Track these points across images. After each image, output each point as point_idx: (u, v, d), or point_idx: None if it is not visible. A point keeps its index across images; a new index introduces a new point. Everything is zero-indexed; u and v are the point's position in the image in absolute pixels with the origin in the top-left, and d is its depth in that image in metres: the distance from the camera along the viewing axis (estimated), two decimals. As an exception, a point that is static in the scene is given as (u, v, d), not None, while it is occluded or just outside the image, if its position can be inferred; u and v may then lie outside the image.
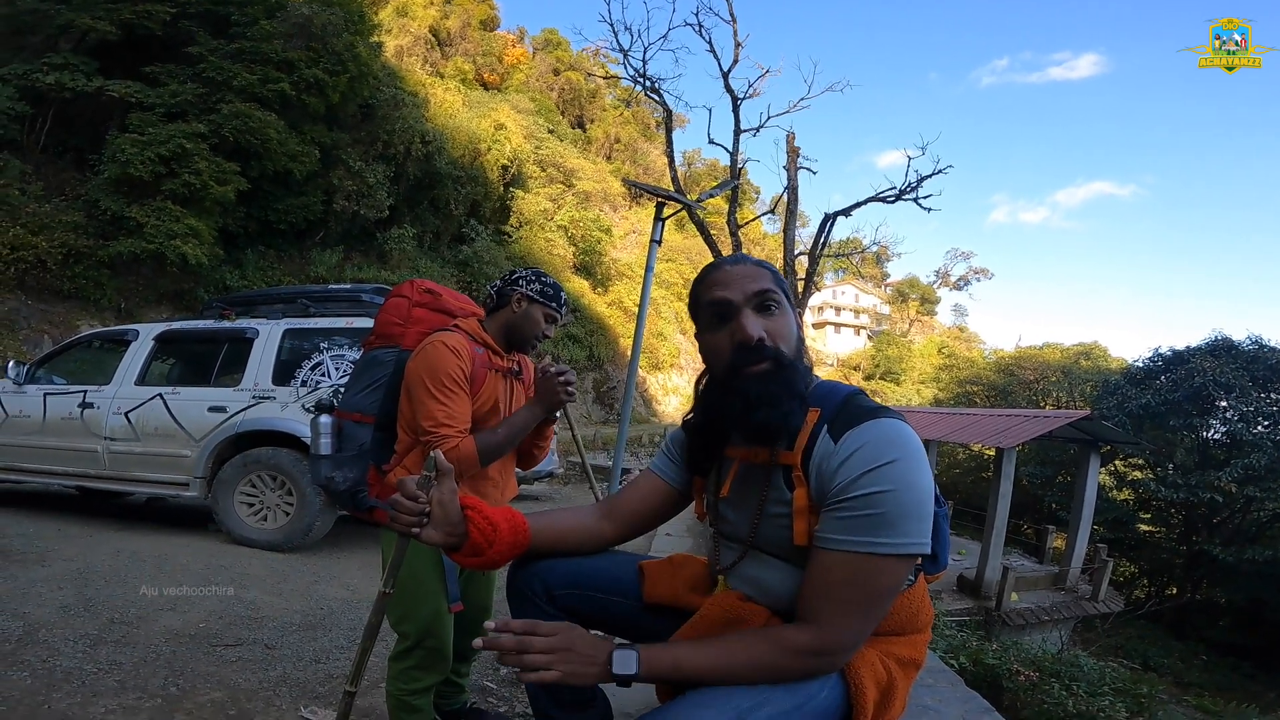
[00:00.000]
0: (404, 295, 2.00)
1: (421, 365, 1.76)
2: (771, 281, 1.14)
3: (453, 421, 1.73)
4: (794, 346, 1.13)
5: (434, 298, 1.99)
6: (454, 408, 1.74)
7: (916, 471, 0.99)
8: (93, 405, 5.13)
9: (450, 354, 1.75)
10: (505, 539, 1.19)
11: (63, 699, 2.16)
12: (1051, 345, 32.64)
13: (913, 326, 60.79)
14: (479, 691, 2.50)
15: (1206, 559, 16.14)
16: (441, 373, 1.74)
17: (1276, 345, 17.05)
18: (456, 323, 1.90)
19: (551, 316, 1.93)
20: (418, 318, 1.96)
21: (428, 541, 1.15)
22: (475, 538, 1.16)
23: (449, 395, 1.74)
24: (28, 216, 12.08)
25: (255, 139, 14.21)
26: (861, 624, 1.02)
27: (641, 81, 14.34)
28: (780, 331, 1.11)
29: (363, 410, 1.94)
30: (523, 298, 1.88)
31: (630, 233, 34.70)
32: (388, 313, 1.99)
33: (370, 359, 1.98)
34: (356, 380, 1.99)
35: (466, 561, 1.19)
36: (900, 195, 13.58)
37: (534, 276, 1.92)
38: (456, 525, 1.15)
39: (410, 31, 31.81)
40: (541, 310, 1.90)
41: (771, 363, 1.09)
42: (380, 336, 1.99)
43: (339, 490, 1.94)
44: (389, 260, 19.86)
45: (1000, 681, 3.97)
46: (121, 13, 13.85)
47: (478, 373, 1.82)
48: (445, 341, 1.77)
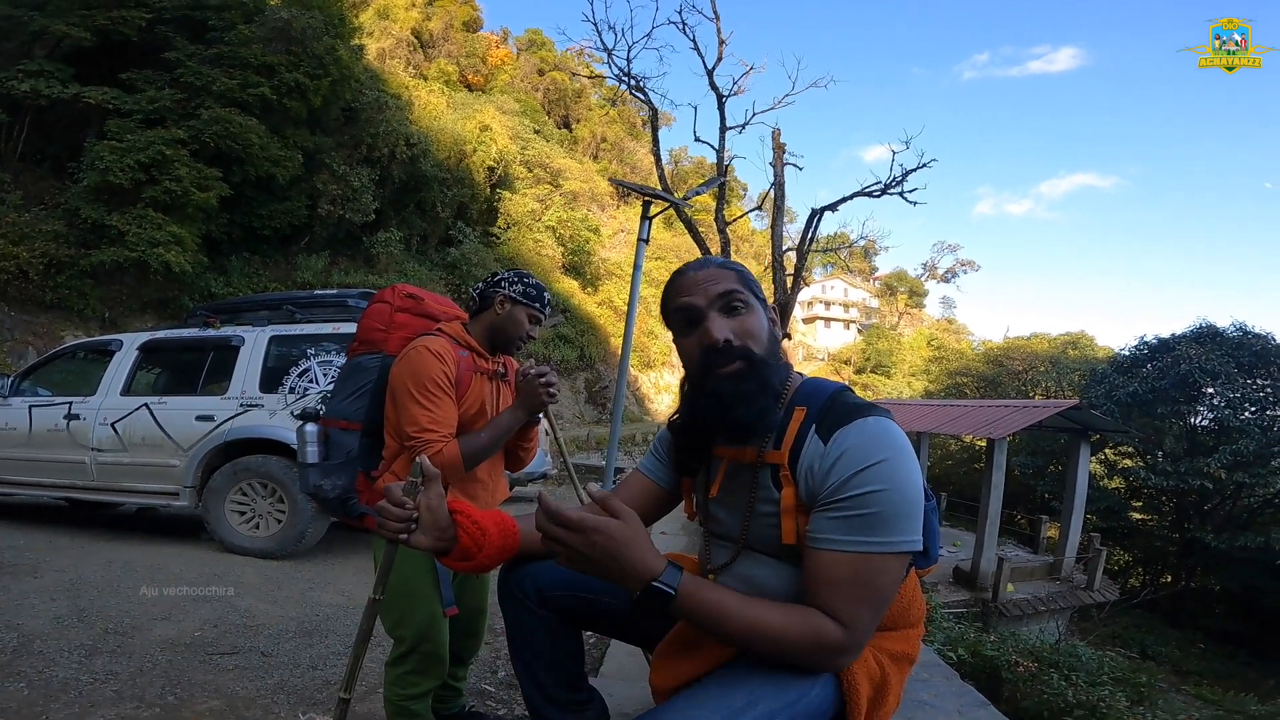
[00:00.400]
0: (386, 301, 2.00)
1: (405, 370, 1.75)
2: (736, 281, 1.14)
3: (437, 426, 1.72)
4: (765, 344, 1.13)
5: (416, 302, 1.99)
6: (438, 412, 1.73)
7: (906, 469, 1.01)
8: (78, 416, 5.07)
9: (434, 358, 1.74)
10: (494, 542, 1.18)
11: (61, 710, 2.15)
12: (1039, 336, 32.85)
13: (902, 319, 61.05)
14: (477, 695, 2.49)
15: (1199, 546, 16.25)
16: (425, 377, 1.73)
17: (1260, 331, 17.23)
18: (440, 326, 1.89)
19: (535, 317, 1.93)
20: (400, 323, 1.95)
21: (416, 546, 1.14)
22: (464, 542, 1.15)
23: (433, 400, 1.73)
24: (7, 226, 11.95)
25: (236, 144, 14.08)
26: (871, 622, 1.02)
27: (626, 80, 14.30)
28: (749, 330, 1.12)
29: (348, 417, 1.93)
30: (505, 299, 1.88)
31: (619, 232, 34.66)
32: (370, 319, 1.99)
33: (355, 365, 1.98)
34: (341, 387, 1.98)
35: (457, 565, 1.18)
36: (886, 189, 13.61)
37: (516, 278, 1.91)
38: (445, 530, 1.14)
39: (392, 34, 31.64)
40: (525, 311, 1.90)
41: (742, 362, 1.10)
42: (364, 343, 1.99)
43: (328, 498, 1.93)
44: (376, 264, 19.75)
45: (999, 673, 3.99)
46: (96, 19, 13.70)
47: (463, 376, 1.81)
48: (429, 346, 1.76)
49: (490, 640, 3.14)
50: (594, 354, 25.95)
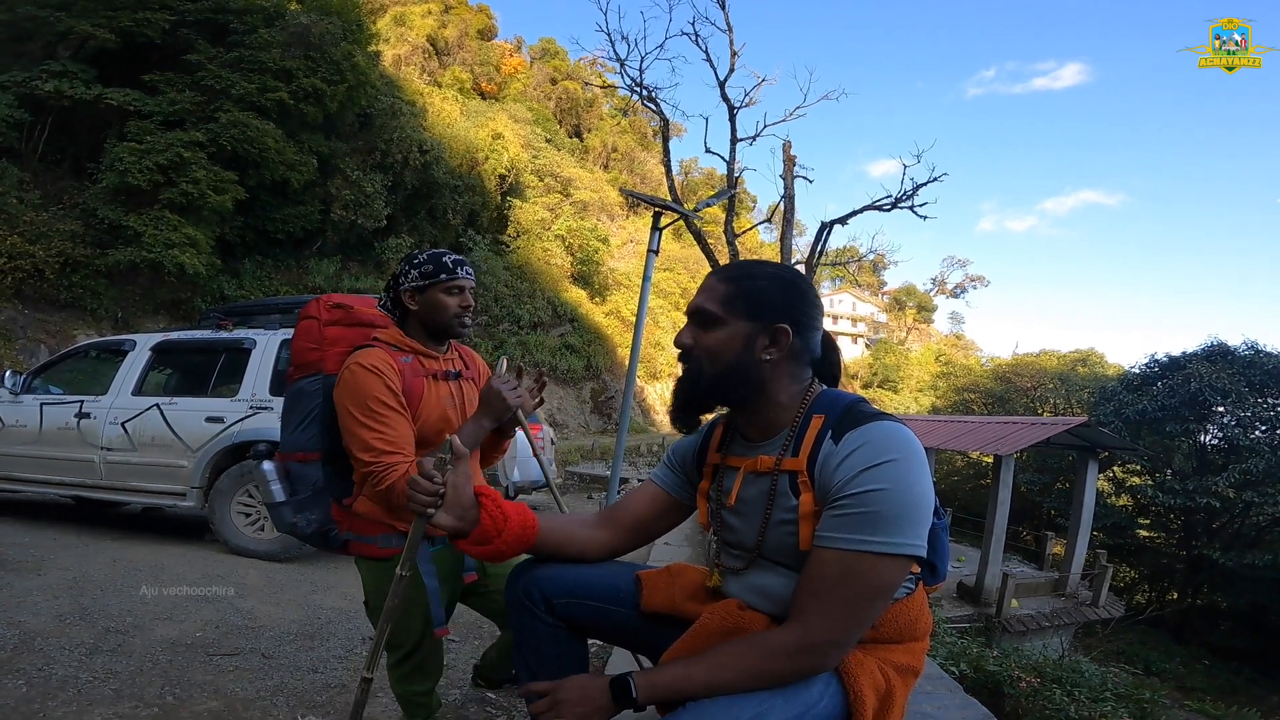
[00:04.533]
0: (312, 316, 1.84)
1: (344, 394, 1.61)
2: (718, 299, 1.17)
3: (394, 447, 1.59)
4: (723, 363, 1.15)
5: (345, 312, 1.84)
6: (390, 432, 1.60)
7: (914, 473, 1.01)
8: (89, 415, 5.12)
9: (371, 375, 1.60)
10: (514, 530, 1.21)
11: (58, 708, 2.15)
12: (1048, 352, 32.63)
13: (910, 334, 60.84)
14: (478, 702, 2.49)
15: (1207, 564, 16.15)
16: (367, 398, 1.59)
17: (1272, 350, 17.12)
18: (376, 335, 1.74)
19: (453, 288, 1.73)
20: (333, 337, 1.80)
21: (438, 524, 1.18)
22: (485, 524, 1.19)
23: (381, 420, 1.59)
24: (25, 225, 12.05)
25: (253, 148, 14.20)
26: (848, 623, 1.02)
27: (638, 91, 14.39)
28: (705, 346, 1.17)
29: (304, 449, 1.81)
30: (410, 293, 1.72)
31: (628, 242, 34.71)
32: (300, 339, 1.84)
33: (296, 392, 1.83)
34: (288, 418, 1.84)
35: (472, 549, 1.21)
36: (897, 203, 13.60)
37: (409, 265, 1.74)
38: (469, 510, 1.18)
39: (408, 41, 31.91)
40: (438, 290, 1.72)
41: (687, 370, 1.19)
42: (299, 366, 1.83)
43: (306, 534, 1.84)
44: (386, 270, 19.83)
45: (1001, 688, 3.96)
46: (120, 20, 13.87)
47: (411, 385, 1.67)
48: (362, 362, 1.62)
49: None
50: (600, 364, 25.93)
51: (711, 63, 14.02)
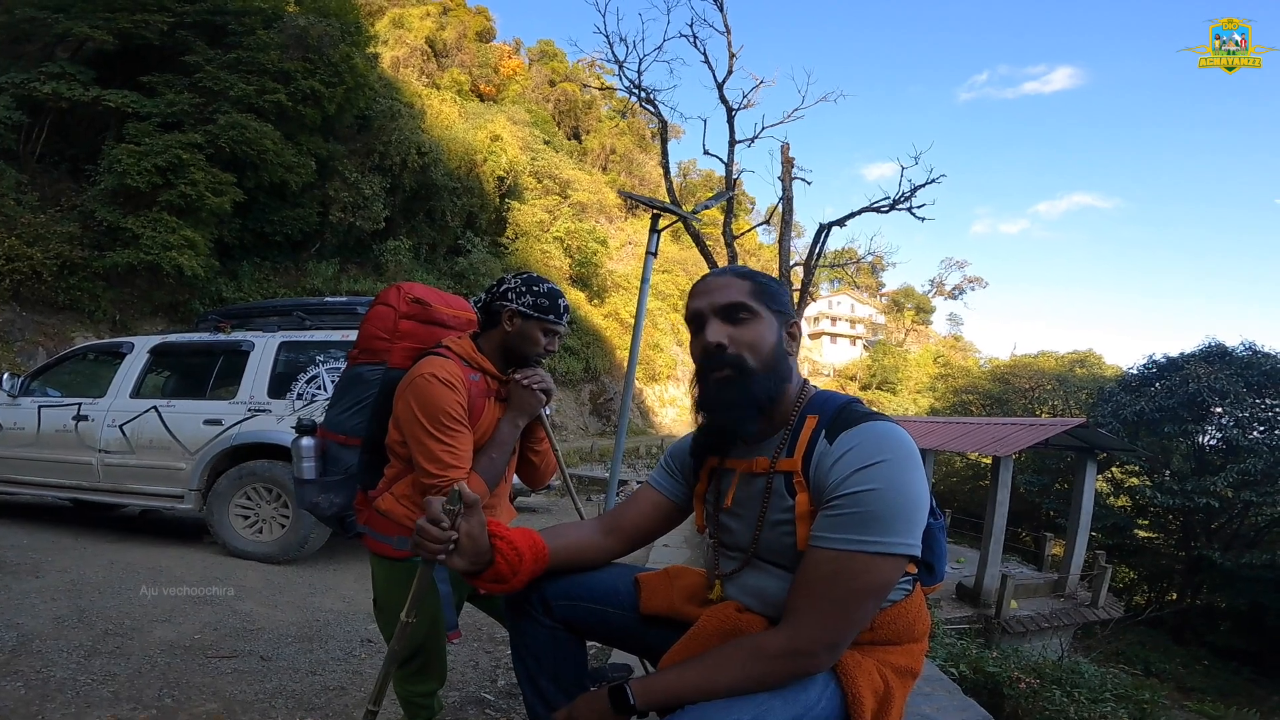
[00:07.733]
0: (389, 304, 1.81)
1: (416, 402, 1.59)
2: (745, 293, 1.16)
3: (460, 462, 1.60)
4: (766, 355, 1.14)
5: (423, 308, 1.81)
6: (458, 447, 1.60)
7: (907, 473, 1.01)
8: (87, 418, 5.11)
9: (445, 390, 1.59)
10: (528, 566, 1.22)
11: (57, 710, 2.15)
12: (1046, 353, 32.68)
13: (908, 336, 60.85)
14: (476, 704, 2.49)
15: (1206, 564, 16.22)
16: (439, 412, 1.58)
17: (1270, 351, 17.20)
18: (448, 344, 1.71)
19: (551, 330, 1.73)
20: (405, 331, 1.78)
21: (452, 567, 1.16)
22: (500, 568, 1.19)
23: (451, 434, 1.59)
24: (23, 227, 12.03)
25: (251, 150, 14.20)
26: (840, 623, 1.02)
27: (637, 93, 14.37)
28: (746, 339, 1.14)
29: (348, 432, 1.81)
30: (514, 314, 1.69)
31: (626, 244, 34.71)
32: (372, 324, 1.82)
33: (354, 376, 1.83)
34: (341, 398, 1.84)
35: (486, 585, 1.21)
36: (895, 205, 13.59)
37: (525, 287, 1.70)
38: (484, 554, 1.17)
39: (407, 43, 31.92)
40: (539, 326, 1.70)
41: (731, 369, 1.13)
42: (364, 351, 1.83)
43: (325, 515, 1.86)
44: (385, 272, 19.84)
45: (1001, 689, 3.97)
46: (119, 22, 13.86)
47: (475, 403, 1.66)
48: (437, 375, 1.60)
49: (491, 649, 3.14)
50: (599, 366, 25.95)
51: (710, 65, 14.01)
